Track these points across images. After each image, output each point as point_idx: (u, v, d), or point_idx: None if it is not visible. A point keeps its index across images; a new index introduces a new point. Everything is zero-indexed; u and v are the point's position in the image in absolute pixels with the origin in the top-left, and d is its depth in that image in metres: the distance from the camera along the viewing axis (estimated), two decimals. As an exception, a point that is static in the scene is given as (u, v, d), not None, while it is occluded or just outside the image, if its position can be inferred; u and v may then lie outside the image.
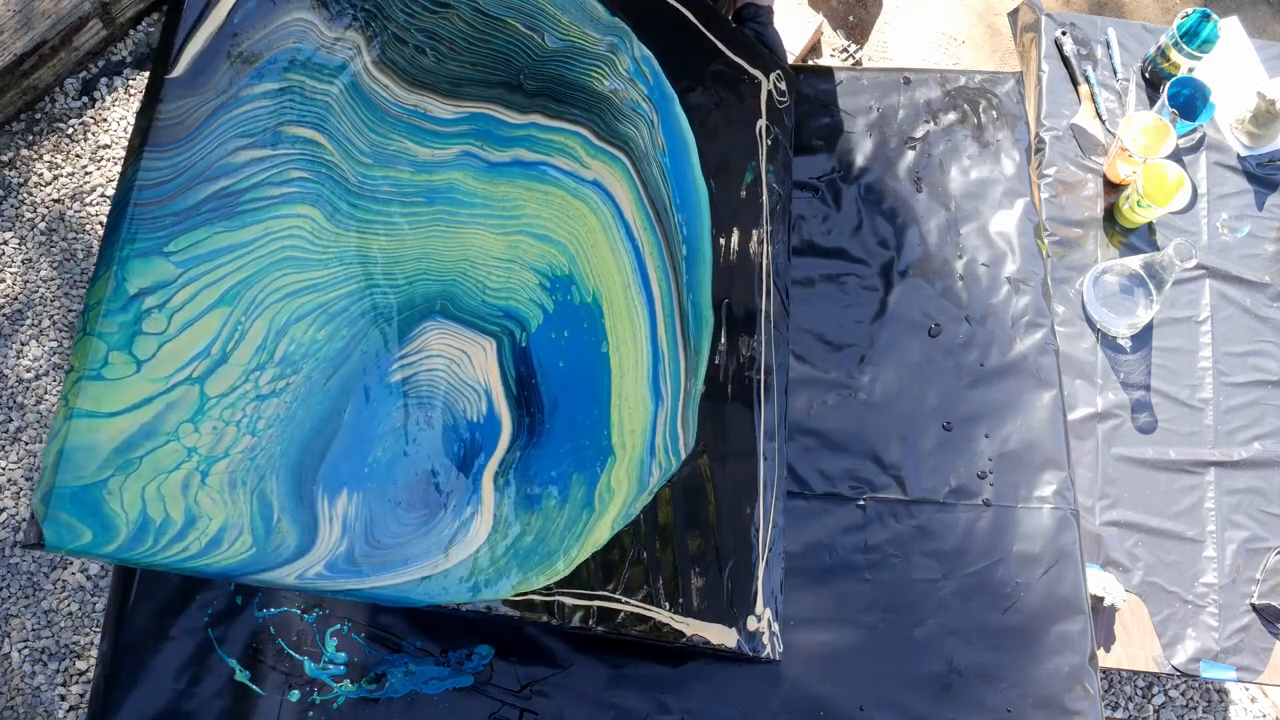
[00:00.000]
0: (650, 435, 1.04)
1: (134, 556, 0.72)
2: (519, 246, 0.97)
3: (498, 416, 0.94)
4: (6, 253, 1.79)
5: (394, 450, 0.86)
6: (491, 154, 0.95)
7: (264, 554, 0.78)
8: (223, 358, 0.77)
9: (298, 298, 0.82)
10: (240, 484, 0.77)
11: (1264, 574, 1.32)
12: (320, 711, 1.01)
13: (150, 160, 0.75)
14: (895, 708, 1.07)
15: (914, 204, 1.33)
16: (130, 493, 0.72)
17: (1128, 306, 1.39)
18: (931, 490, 1.18)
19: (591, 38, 1.04)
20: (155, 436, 0.73)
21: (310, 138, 0.84)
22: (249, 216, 0.79)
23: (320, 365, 0.82)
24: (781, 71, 1.34)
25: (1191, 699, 1.73)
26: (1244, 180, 1.52)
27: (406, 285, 0.89)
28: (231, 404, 0.77)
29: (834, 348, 1.25)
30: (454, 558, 0.89)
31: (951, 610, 1.11)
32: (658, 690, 1.05)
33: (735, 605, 1.04)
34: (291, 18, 0.84)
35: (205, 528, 0.75)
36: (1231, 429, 1.39)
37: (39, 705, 1.55)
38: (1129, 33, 1.60)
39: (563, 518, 0.97)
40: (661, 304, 1.07)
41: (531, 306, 0.97)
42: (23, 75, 1.82)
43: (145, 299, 0.73)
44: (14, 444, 1.68)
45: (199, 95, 0.78)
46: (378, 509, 0.85)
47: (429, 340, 0.90)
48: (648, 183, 1.07)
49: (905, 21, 2.21)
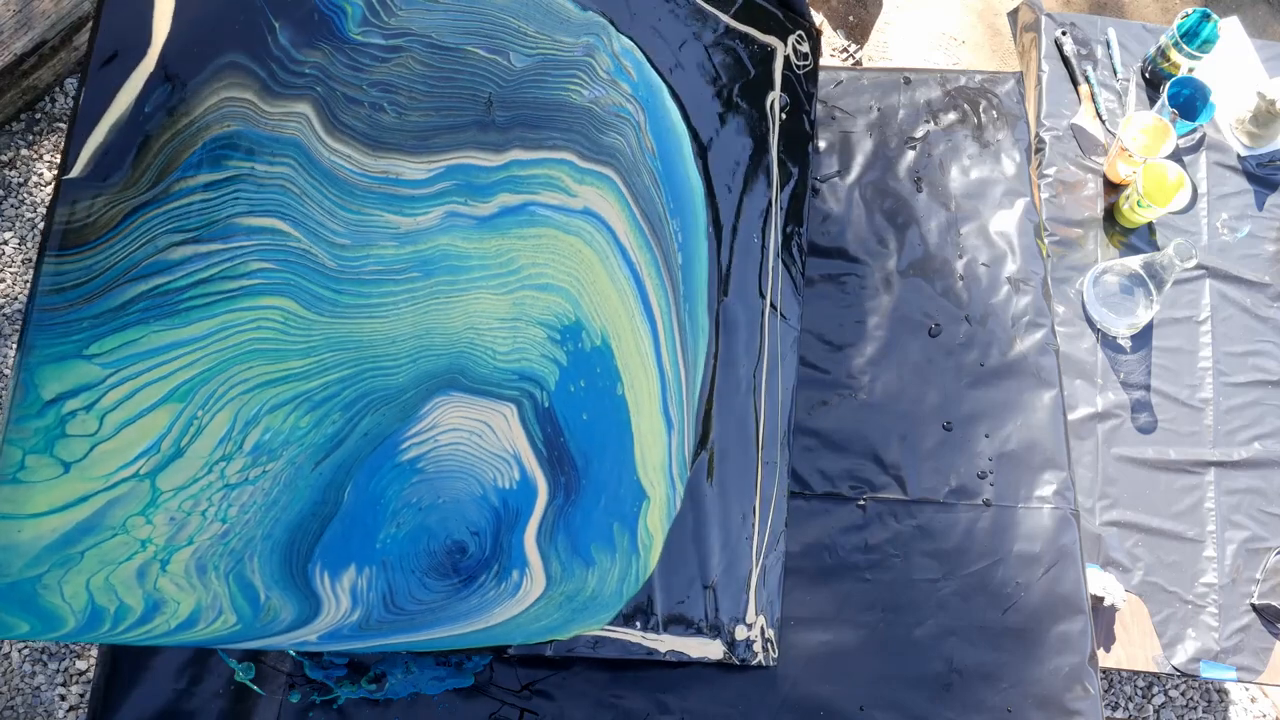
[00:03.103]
0: (668, 467, 1.03)
1: (94, 638, 0.73)
2: (523, 303, 0.93)
3: (532, 480, 0.92)
4: (6, 253, 1.79)
5: (412, 524, 0.85)
6: (477, 208, 0.90)
7: (253, 627, 0.78)
8: (176, 452, 0.75)
9: (271, 388, 0.79)
10: (212, 568, 0.77)
11: (1264, 574, 1.32)
12: (320, 712, 1.01)
13: (55, 265, 0.71)
14: (895, 708, 1.07)
15: (914, 204, 1.33)
16: (72, 585, 0.72)
17: (1128, 306, 1.39)
18: (931, 490, 1.18)
19: (564, 44, 0.96)
20: (98, 531, 0.72)
21: (271, 226, 0.79)
22: (197, 313, 0.76)
23: (306, 451, 0.80)
24: (803, 32, 1.24)
25: (1191, 699, 1.73)
26: (1244, 180, 1.52)
27: (410, 364, 0.85)
28: (193, 495, 0.76)
29: (834, 348, 1.25)
30: (499, 616, 0.89)
31: (951, 610, 1.11)
32: (658, 690, 1.05)
33: (721, 615, 1.04)
34: (219, 98, 0.77)
35: (174, 610, 0.75)
36: (1231, 429, 1.39)
37: (39, 705, 1.55)
38: (1129, 33, 1.60)
39: (615, 567, 0.97)
40: (663, 324, 1.04)
41: (545, 363, 0.94)
42: (23, 75, 1.82)
43: (66, 402, 0.71)
44: (14, 444, 1.68)
45: (111, 193, 0.73)
46: (397, 580, 0.84)
47: (442, 415, 0.87)
48: (639, 195, 1.02)
49: (905, 21, 2.21)
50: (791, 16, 1.23)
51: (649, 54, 1.04)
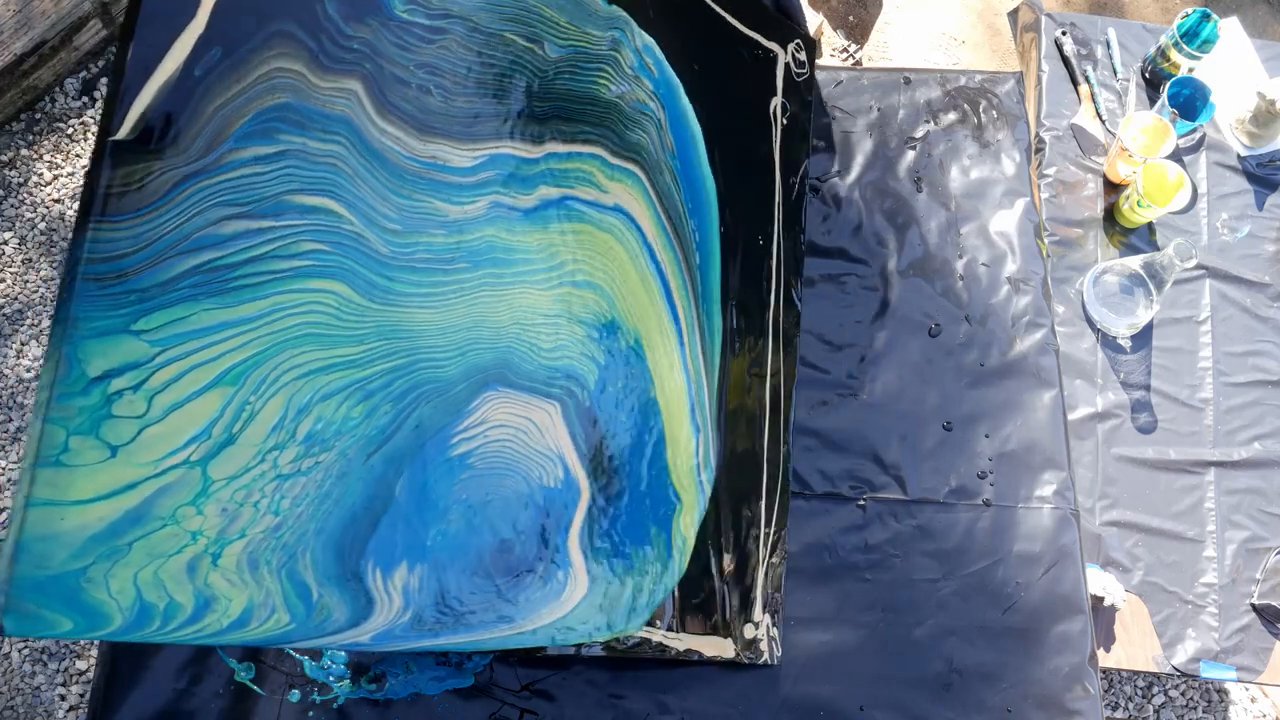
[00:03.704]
0: (697, 471, 1.02)
1: (143, 637, 0.68)
2: (565, 300, 0.91)
3: (575, 480, 0.91)
4: (6, 253, 1.79)
5: (463, 522, 0.83)
6: (520, 199, 0.89)
7: (307, 627, 0.74)
8: (228, 439, 0.71)
9: (323, 375, 0.75)
10: (264, 563, 0.72)
11: (1264, 574, 1.32)
12: (320, 712, 1.01)
13: (102, 231, 0.66)
14: (895, 708, 1.07)
15: (914, 204, 1.33)
16: (119, 579, 0.66)
17: (1128, 306, 1.39)
18: (931, 490, 1.18)
19: (592, 36, 0.97)
20: (146, 521, 0.68)
21: (324, 207, 0.76)
22: (248, 293, 0.72)
23: (358, 442, 0.77)
24: (801, 40, 1.26)
25: (1191, 699, 1.73)
26: (1244, 180, 1.52)
27: (459, 356, 0.83)
28: (245, 485, 0.72)
29: (834, 348, 1.25)
30: (546, 618, 0.87)
31: (951, 610, 1.11)
32: (658, 690, 1.05)
33: (732, 615, 1.04)
34: (270, 68, 0.73)
35: (226, 608, 0.70)
36: (1231, 429, 1.39)
37: (39, 705, 1.55)
38: (1129, 33, 1.60)
39: (653, 571, 0.96)
40: (686, 326, 1.03)
41: (585, 362, 0.93)
42: (23, 75, 1.82)
43: (112, 380, 0.66)
44: (14, 444, 1.68)
45: (161, 159, 0.69)
46: (449, 578, 0.81)
47: (491, 410, 0.85)
48: (662, 194, 1.02)
49: (905, 21, 2.21)
50: (790, 26, 1.25)
51: (666, 52, 1.04)
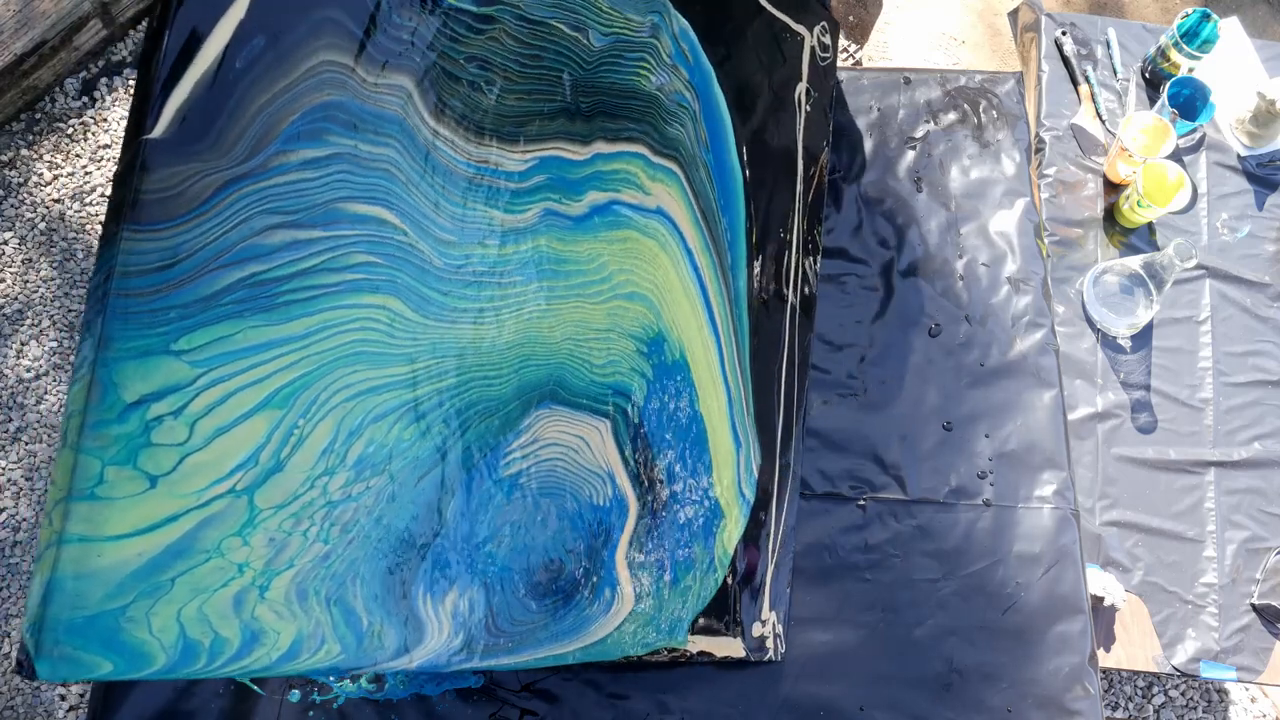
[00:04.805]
0: (739, 484, 1.01)
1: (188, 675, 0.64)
2: (615, 314, 0.89)
3: (624, 497, 0.89)
4: (6, 253, 1.79)
5: (513, 543, 0.81)
6: (570, 206, 0.86)
7: (358, 656, 0.71)
8: (276, 466, 0.67)
9: (374, 396, 0.72)
10: (313, 594, 0.69)
11: (1264, 574, 1.32)
12: (320, 712, 1.01)
13: (137, 241, 0.61)
14: (895, 708, 1.07)
15: (914, 204, 1.33)
16: (162, 617, 0.62)
17: (1128, 306, 1.39)
18: (931, 490, 1.18)
19: (633, 22, 0.93)
20: (190, 555, 0.63)
21: (376, 215, 0.71)
22: (297, 308, 0.67)
23: (409, 465, 0.74)
24: (826, 23, 1.21)
25: (1191, 699, 1.73)
26: (1244, 180, 1.52)
27: (513, 374, 0.80)
28: (294, 514, 0.68)
29: (834, 348, 1.25)
30: (594, 635, 0.86)
31: (951, 610, 1.11)
32: (659, 690, 1.05)
33: (742, 615, 1.04)
34: (318, 60, 0.67)
35: (274, 641, 0.67)
36: (1231, 429, 1.39)
37: (39, 705, 1.55)
38: (1129, 33, 1.59)
39: (696, 586, 0.95)
40: (723, 334, 1.01)
41: (635, 377, 0.91)
42: (23, 75, 1.82)
43: (151, 405, 0.62)
44: (14, 444, 1.68)
45: (201, 161, 0.63)
46: (498, 601, 0.79)
47: (542, 429, 0.82)
48: (698, 193, 0.99)
49: (905, 21, 2.21)
50: (817, 6, 1.21)
51: (700, 35, 1.00)
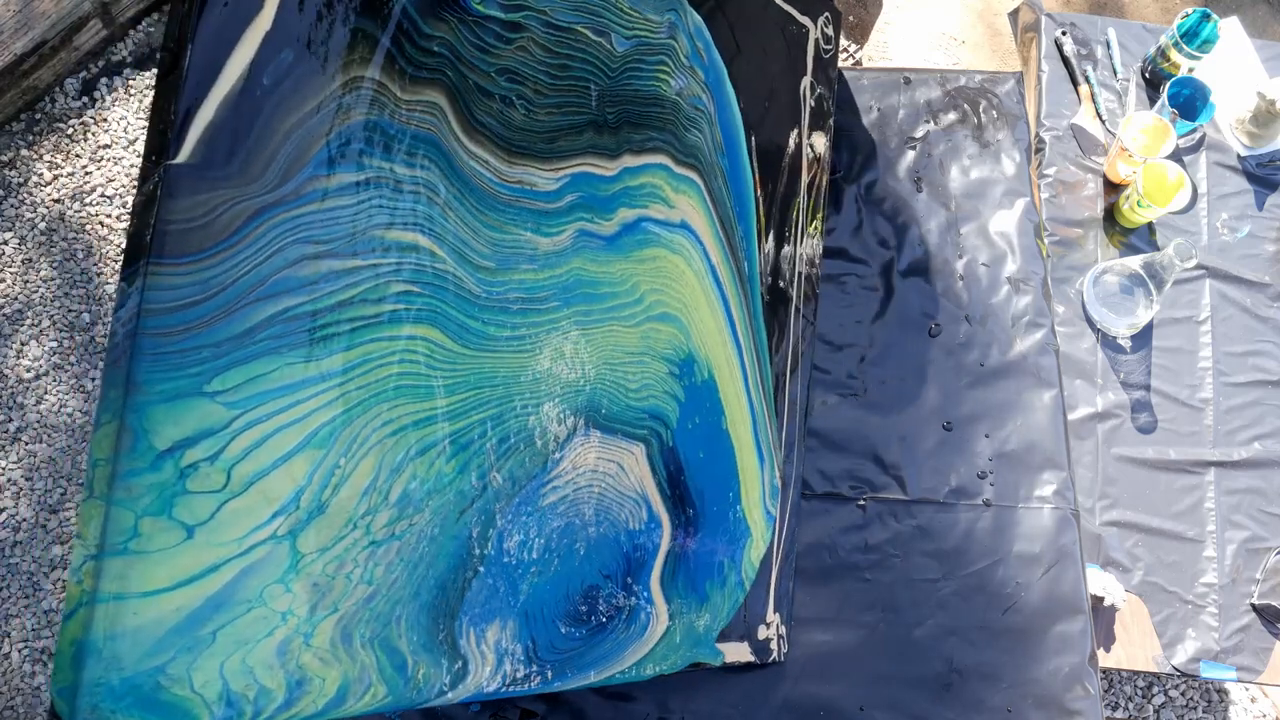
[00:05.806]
0: (764, 501, 1.01)
1: None
2: (649, 337, 0.88)
3: (658, 520, 0.89)
4: (6, 253, 1.79)
5: (552, 572, 0.79)
6: (602, 225, 0.84)
7: (404, 697, 0.69)
8: (318, 508, 0.64)
9: (416, 430, 0.69)
10: (358, 636, 0.66)
11: (1264, 574, 1.32)
12: (320, 711, 1.01)
13: (163, 275, 0.57)
14: (895, 708, 1.07)
15: (914, 204, 1.33)
16: (204, 673, 0.59)
17: (1128, 306, 1.39)
18: (931, 490, 1.17)
19: (652, 23, 0.91)
20: (231, 606, 0.60)
21: (414, 242, 0.68)
22: (335, 343, 0.64)
23: (451, 500, 0.72)
24: (830, 13, 1.19)
25: (1191, 699, 1.73)
26: (1244, 180, 1.52)
27: (550, 401, 0.79)
28: (337, 556, 0.65)
29: (834, 348, 1.25)
30: (631, 659, 0.85)
31: (951, 610, 1.11)
32: (661, 691, 1.05)
33: (749, 618, 1.04)
34: (350, 76, 0.64)
35: (320, 688, 0.64)
36: (1231, 429, 1.39)
37: (39, 705, 1.55)
38: (1129, 33, 1.59)
39: (725, 603, 0.95)
40: (745, 349, 1.00)
41: (668, 400, 0.90)
42: (23, 75, 1.82)
43: (185, 451, 0.58)
44: (14, 444, 1.68)
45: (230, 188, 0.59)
46: (539, 631, 0.78)
47: (579, 456, 0.81)
48: (717, 200, 0.98)
49: (905, 21, 2.21)
50: None
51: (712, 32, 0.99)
